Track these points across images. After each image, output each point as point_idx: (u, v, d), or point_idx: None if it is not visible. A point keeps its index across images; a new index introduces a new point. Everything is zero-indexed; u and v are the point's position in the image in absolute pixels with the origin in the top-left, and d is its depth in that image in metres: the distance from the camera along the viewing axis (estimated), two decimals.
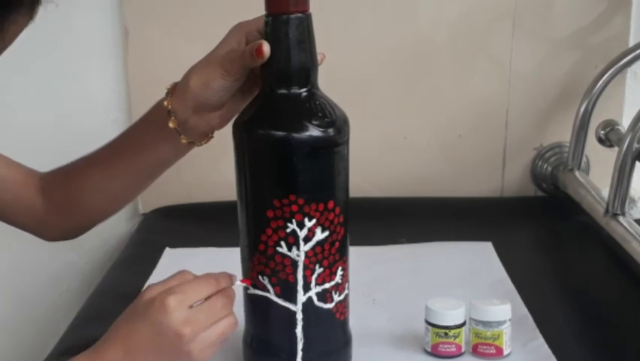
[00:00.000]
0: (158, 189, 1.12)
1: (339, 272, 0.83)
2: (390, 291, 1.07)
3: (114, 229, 1.47)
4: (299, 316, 0.82)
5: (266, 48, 0.79)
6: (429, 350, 0.90)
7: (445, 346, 0.89)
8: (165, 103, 0.86)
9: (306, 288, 0.81)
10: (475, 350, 0.89)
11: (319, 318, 0.83)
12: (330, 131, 0.79)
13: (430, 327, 0.89)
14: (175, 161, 0.92)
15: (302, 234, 0.79)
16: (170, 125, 0.86)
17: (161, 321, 0.74)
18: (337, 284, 0.83)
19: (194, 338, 0.74)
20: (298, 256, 0.80)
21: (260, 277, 0.82)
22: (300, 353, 0.82)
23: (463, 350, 0.89)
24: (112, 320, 0.78)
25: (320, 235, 0.80)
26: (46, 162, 1.00)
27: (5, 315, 1.51)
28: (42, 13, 0.76)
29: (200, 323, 0.75)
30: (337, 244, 0.82)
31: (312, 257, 0.80)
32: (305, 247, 0.80)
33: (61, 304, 1.49)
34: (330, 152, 0.80)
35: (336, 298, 0.83)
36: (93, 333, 0.81)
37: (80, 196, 0.95)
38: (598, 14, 1.38)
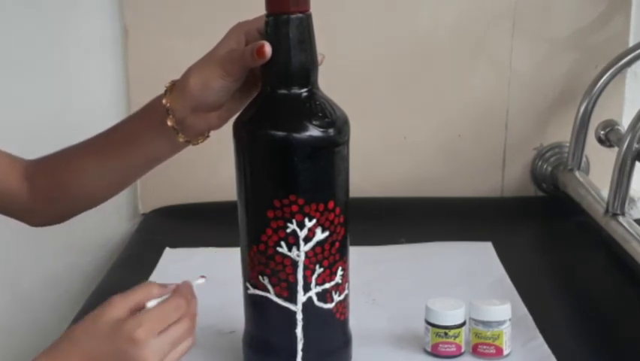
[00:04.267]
0: (158, 189, 1.13)
1: (339, 272, 0.83)
2: (390, 291, 1.07)
3: (114, 229, 1.47)
4: (299, 316, 0.82)
5: (267, 48, 0.79)
6: (429, 350, 0.90)
7: (445, 346, 0.89)
8: (164, 101, 0.86)
9: (306, 288, 0.81)
10: (475, 350, 0.89)
11: (319, 318, 0.83)
12: (331, 131, 0.79)
13: (430, 327, 0.89)
14: (168, 157, 0.92)
15: (302, 234, 0.79)
16: (169, 123, 0.86)
17: (129, 352, 0.72)
18: (337, 284, 0.83)
19: None
20: (298, 256, 0.80)
21: (260, 277, 0.82)
22: (300, 353, 0.82)
23: (463, 350, 0.89)
24: None
25: (320, 235, 0.80)
26: None
27: (5, 315, 1.51)
28: (42, 13, 0.76)
29: (165, 351, 0.74)
30: (337, 244, 0.82)
31: (312, 257, 0.80)
32: (305, 247, 0.80)
33: (61, 304, 1.49)
34: (331, 152, 0.80)
35: (336, 298, 0.83)
36: None
37: (67, 185, 0.95)
38: (598, 14, 1.38)
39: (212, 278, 1.09)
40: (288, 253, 0.80)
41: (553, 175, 1.42)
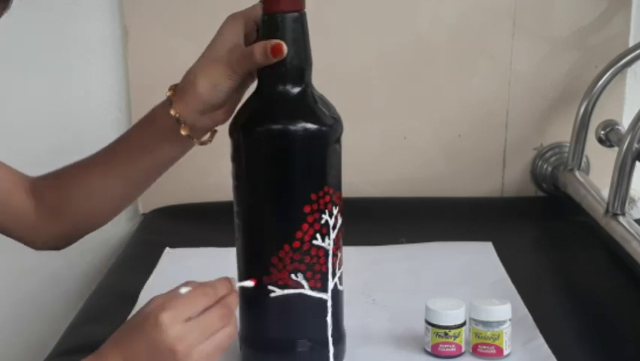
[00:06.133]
0: (158, 189, 1.12)
1: (339, 254, 0.85)
2: (390, 291, 1.07)
3: (114, 229, 1.46)
4: (329, 303, 0.83)
5: (284, 47, 0.78)
6: (429, 350, 0.90)
7: (445, 346, 0.89)
8: (172, 112, 0.85)
9: (334, 274, 0.83)
10: (475, 350, 0.89)
11: (340, 301, 0.85)
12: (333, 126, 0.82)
13: (430, 327, 0.89)
14: (174, 163, 0.92)
15: (332, 222, 0.82)
16: (182, 132, 0.85)
17: (155, 338, 0.71)
18: (341, 265, 0.85)
19: (188, 353, 0.72)
20: (329, 245, 0.82)
21: (292, 275, 0.82)
22: (330, 339, 0.84)
23: (463, 350, 0.89)
24: (112, 320, 0.78)
25: (339, 220, 0.83)
26: (45, 161, 1.00)
27: (5, 315, 1.51)
28: (42, 13, 0.76)
29: (194, 337, 0.72)
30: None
31: (336, 243, 0.83)
32: (333, 235, 0.82)
33: (61, 304, 1.49)
34: (338, 144, 0.83)
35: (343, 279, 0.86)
36: (93, 333, 0.81)
37: (73, 201, 0.93)
38: (598, 14, 1.38)
39: (212, 278, 1.09)
40: (322, 244, 0.82)
41: (554, 175, 1.42)
